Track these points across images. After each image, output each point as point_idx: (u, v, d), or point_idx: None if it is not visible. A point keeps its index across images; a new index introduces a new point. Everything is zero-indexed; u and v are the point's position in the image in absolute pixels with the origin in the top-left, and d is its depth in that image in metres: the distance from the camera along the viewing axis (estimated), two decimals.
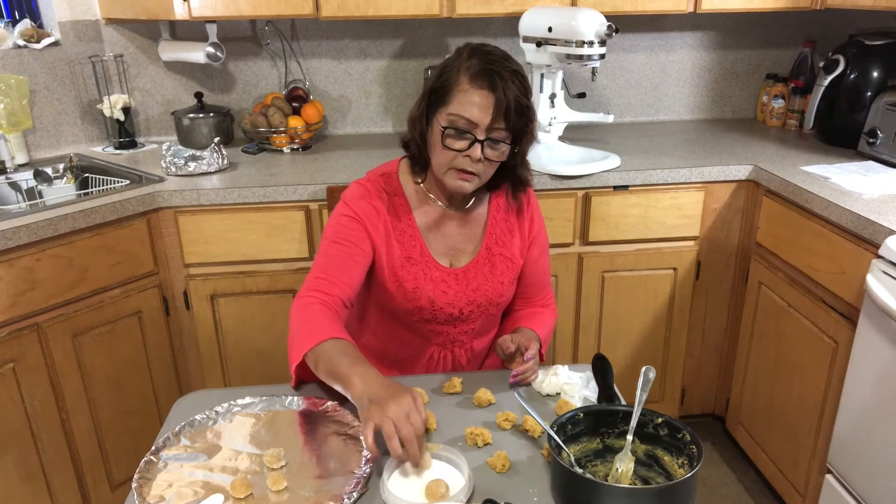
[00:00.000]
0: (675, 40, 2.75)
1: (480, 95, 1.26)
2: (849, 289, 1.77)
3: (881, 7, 2.11)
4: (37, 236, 1.78)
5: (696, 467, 0.97)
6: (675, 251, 2.28)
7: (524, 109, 1.29)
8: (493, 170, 1.35)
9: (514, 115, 1.27)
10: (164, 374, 2.15)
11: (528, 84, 1.31)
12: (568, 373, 1.32)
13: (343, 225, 1.37)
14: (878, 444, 1.66)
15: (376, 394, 1.07)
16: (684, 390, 2.50)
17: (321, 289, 1.29)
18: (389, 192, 1.41)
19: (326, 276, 1.31)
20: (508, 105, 1.25)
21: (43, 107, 2.37)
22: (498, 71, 1.26)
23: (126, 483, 2.08)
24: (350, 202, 1.39)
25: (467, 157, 1.29)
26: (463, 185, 1.33)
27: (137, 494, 1.04)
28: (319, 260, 1.35)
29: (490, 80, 1.25)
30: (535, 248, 1.50)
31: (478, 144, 1.28)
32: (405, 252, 1.40)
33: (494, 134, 1.28)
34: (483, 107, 1.26)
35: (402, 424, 1.02)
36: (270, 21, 2.51)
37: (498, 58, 1.29)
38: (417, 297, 1.40)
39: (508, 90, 1.25)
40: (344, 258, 1.34)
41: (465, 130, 1.28)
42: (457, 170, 1.31)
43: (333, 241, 1.36)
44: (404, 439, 1.02)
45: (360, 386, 1.10)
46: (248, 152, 2.43)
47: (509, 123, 1.27)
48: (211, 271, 2.11)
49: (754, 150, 2.37)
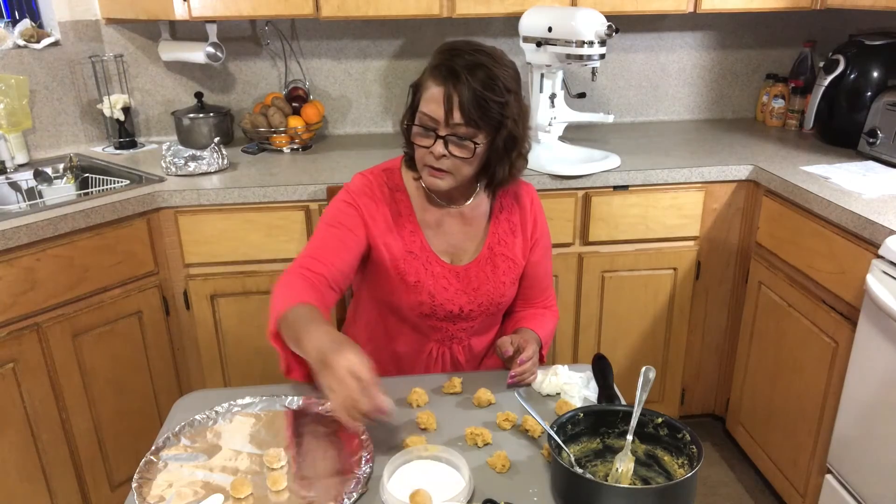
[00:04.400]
0: (675, 40, 2.75)
1: (436, 91, 1.26)
2: (849, 289, 1.77)
3: (881, 7, 2.11)
4: (37, 236, 1.78)
5: (696, 467, 0.97)
6: (675, 251, 2.28)
7: (485, 103, 1.25)
8: (469, 167, 1.33)
9: (470, 109, 1.24)
10: (164, 374, 2.15)
11: (497, 77, 1.25)
12: (568, 373, 1.32)
13: (340, 210, 1.38)
14: (878, 444, 1.66)
15: (320, 351, 1.05)
16: (684, 390, 2.50)
17: (307, 266, 1.30)
18: (391, 187, 1.42)
19: (315, 256, 1.32)
20: (462, 100, 1.23)
21: (43, 107, 2.37)
22: (451, 65, 1.24)
23: (126, 483, 2.08)
24: (351, 191, 1.40)
25: (431, 153, 1.29)
26: (435, 182, 1.33)
27: (137, 494, 1.04)
28: (311, 241, 1.36)
29: (444, 75, 1.25)
30: (538, 250, 1.50)
31: (439, 141, 1.28)
32: (406, 246, 1.40)
33: (459, 130, 1.27)
34: (438, 102, 1.26)
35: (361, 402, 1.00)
36: (270, 21, 2.51)
37: (460, 52, 1.26)
38: (418, 291, 1.40)
39: (461, 84, 1.23)
40: (336, 241, 1.34)
41: (428, 127, 1.28)
42: (428, 167, 1.32)
43: (329, 224, 1.37)
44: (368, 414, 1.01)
45: (308, 344, 1.09)
46: (248, 152, 2.43)
47: (466, 118, 1.25)
48: (211, 271, 2.11)
49: (754, 150, 2.37)
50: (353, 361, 1.02)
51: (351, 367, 1.02)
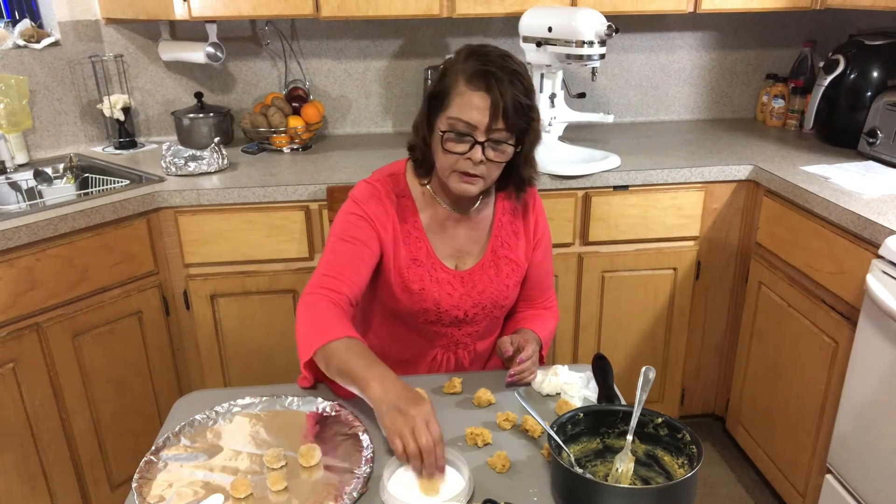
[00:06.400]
0: (675, 40, 2.75)
1: (478, 97, 1.25)
2: (849, 289, 1.77)
3: (881, 7, 2.11)
4: (37, 236, 1.78)
5: (696, 467, 0.97)
6: (675, 251, 2.28)
7: (524, 109, 1.27)
8: (499, 171, 1.34)
9: (512, 115, 1.26)
10: (164, 374, 2.15)
11: (528, 83, 1.29)
12: (568, 373, 1.32)
13: (351, 223, 1.36)
14: (878, 444, 1.66)
15: (395, 399, 1.07)
16: (684, 390, 2.50)
17: (328, 286, 1.29)
18: (397, 194, 1.41)
19: (333, 274, 1.31)
20: (506, 106, 1.24)
21: (43, 107, 2.37)
22: (493, 72, 1.25)
23: (126, 483, 2.08)
24: (359, 201, 1.38)
25: (468, 159, 1.28)
26: (467, 188, 1.32)
27: (137, 494, 1.04)
28: (327, 257, 1.34)
29: (486, 82, 1.24)
30: (540, 251, 1.50)
31: (478, 147, 1.27)
32: (411, 254, 1.39)
33: (495, 135, 1.27)
34: (481, 109, 1.25)
35: (422, 433, 1.02)
36: (270, 21, 2.51)
37: (495, 58, 1.27)
38: (423, 299, 1.40)
39: (505, 90, 1.24)
40: (352, 256, 1.33)
41: (464, 133, 1.27)
42: (460, 172, 1.31)
43: (342, 238, 1.35)
44: (423, 449, 1.02)
45: (378, 390, 1.10)
46: (248, 152, 2.43)
47: (508, 124, 1.26)
48: (211, 271, 2.11)
49: (754, 150, 2.37)
50: (430, 415, 1.06)
51: (427, 419, 1.05)
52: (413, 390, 1.10)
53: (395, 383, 1.10)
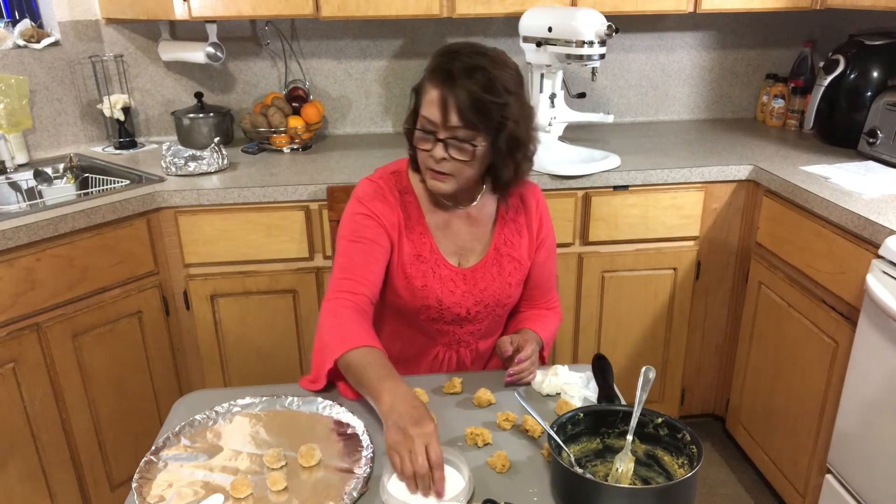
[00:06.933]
0: (675, 40, 2.75)
1: (434, 94, 1.25)
2: (849, 289, 1.77)
3: (881, 7, 2.11)
4: (37, 236, 1.78)
5: (696, 467, 0.97)
6: (674, 251, 2.28)
7: (484, 105, 1.23)
8: (472, 169, 1.32)
9: (469, 112, 1.23)
10: (164, 374, 2.15)
11: (495, 79, 1.24)
12: (568, 373, 1.32)
13: (359, 223, 1.37)
14: (878, 444, 1.66)
15: (399, 417, 1.07)
16: (684, 390, 2.50)
17: (348, 289, 1.30)
18: (401, 190, 1.41)
19: (350, 276, 1.31)
20: (459, 102, 1.23)
21: (43, 107, 2.37)
22: (448, 68, 1.24)
23: (126, 483, 2.08)
24: (364, 200, 1.39)
25: (432, 156, 1.29)
26: (438, 185, 1.33)
27: (137, 494, 1.04)
28: (340, 260, 1.35)
29: (440, 78, 1.24)
30: (543, 251, 1.50)
31: (439, 144, 1.27)
32: (415, 249, 1.40)
33: (458, 133, 1.26)
34: (436, 105, 1.25)
35: (418, 457, 1.02)
36: (270, 21, 2.51)
37: (459, 54, 1.25)
38: (425, 296, 1.40)
39: (458, 87, 1.22)
40: (364, 256, 1.34)
41: (428, 131, 1.28)
42: (430, 170, 1.32)
43: (351, 240, 1.36)
44: (417, 473, 1.02)
45: (387, 403, 1.10)
46: (248, 152, 2.43)
47: (466, 121, 1.24)
48: (211, 271, 2.11)
49: (754, 150, 2.37)
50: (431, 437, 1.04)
51: (428, 442, 1.04)
52: (421, 408, 1.09)
53: (404, 399, 1.10)
